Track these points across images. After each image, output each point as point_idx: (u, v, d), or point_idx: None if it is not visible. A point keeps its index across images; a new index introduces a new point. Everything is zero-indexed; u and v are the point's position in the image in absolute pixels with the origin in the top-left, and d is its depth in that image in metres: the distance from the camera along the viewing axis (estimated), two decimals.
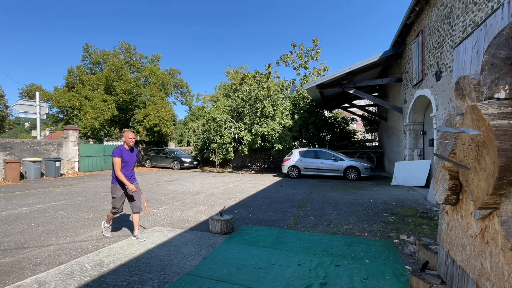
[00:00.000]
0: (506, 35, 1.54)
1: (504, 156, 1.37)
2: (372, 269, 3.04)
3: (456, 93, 2.15)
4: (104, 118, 18.17)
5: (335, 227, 4.66)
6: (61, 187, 9.42)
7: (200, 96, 30.33)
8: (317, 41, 18.55)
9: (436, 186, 2.35)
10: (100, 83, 19.44)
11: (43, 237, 4.18)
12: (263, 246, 3.80)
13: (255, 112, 14.84)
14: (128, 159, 3.97)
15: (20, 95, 19.71)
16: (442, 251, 2.51)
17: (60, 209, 5.97)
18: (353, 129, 22.50)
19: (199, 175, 13.54)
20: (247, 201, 6.92)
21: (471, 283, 1.92)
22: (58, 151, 13.43)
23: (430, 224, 4.74)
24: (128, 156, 3.97)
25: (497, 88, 1.56)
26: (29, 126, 51.51)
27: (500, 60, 1.55)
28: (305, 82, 16.79)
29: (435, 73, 7.23)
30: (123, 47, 21.17)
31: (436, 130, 4.87)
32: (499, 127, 1.41)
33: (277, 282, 2.75)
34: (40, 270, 3.06)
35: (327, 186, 9.37)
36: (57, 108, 19.33)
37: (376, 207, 6.13)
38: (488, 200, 1.51)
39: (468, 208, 1.99)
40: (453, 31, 6.19)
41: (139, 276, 2.90)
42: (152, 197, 7.46)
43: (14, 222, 4.99)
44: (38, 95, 14.81)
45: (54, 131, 28.19)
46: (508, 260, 1.48)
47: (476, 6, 5.15)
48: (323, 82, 11.79)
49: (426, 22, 7.93)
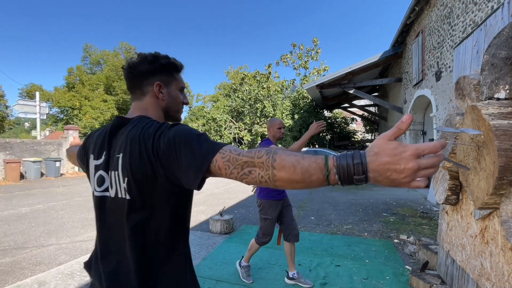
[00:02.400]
0: (506, 35, 1.54)
1: (504, 156, 1.37)
2: (372, 269, 3.04)
3: (456, 93, 2.15)
4: (104, 118, 18.18)
5: (335, 227, 4.66)
6: (61, 187, 9.42)
7: (200, 96, 30.39)
8: (317, 41, 18.56)
9: (436, 186, 2.35)
10: (100, 83, 19.47)
11: (43, 237, 4.18)
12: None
13: (255, 112, 14.85)
14: None
15: (20, 95, 19.78)
16: (442, 251, 2.51)
17: (60, 209, 5.97)
18: (353, 129, 22.51)
19: None
20: (247, 201, 6.92)
21: (471, 283, 1.92)
22: (58, 151, 13.43)
23: (430, 224, 4.74)
24: None
25: (497, 88, 1.56)
26: (29, 126, 51.53)
27: (500, 60, 1.55)
28: (305, 82, 16.80)
29: (435, 73, 7.23)
30: (123, 47, 21.21)
31: (436, 130, 4.87)
32: (499, 127, 1.41)
33: (277, 282, 2.76)
34: (40, 270, 3.06)
35: (327, 186, 9.36)
36: (57, 108, 19.37)
37: (376, 207, 6.13)
38: (488, 200, 1.51)
39: (468, 208, 1.99)
40: (453, 31, 6.19)
41: None
42: None
43: (14, 222, 4.99)
44: (38, 95, 14.82)
45: (54, 131, 28.18)
46: (508, 260, 1.48)
47: (476, 6, 5.15)
48: (323, 82, 11.80)
49: (426, 22, 7.93)
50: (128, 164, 0.75)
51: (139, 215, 0.76)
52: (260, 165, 0.63)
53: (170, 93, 0.93)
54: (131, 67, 0.89)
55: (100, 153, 0.85)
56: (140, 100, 0.91)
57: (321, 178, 0.59)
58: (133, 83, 0.91)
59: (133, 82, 0.91)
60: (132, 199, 0.76)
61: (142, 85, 0.90)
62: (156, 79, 0.90)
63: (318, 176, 0.59)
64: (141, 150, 0.73)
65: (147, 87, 0.90)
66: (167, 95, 0.92)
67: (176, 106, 0.95)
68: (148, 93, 0.90)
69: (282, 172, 0.61)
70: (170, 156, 0.70)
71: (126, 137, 0.79)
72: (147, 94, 0.90)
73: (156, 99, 0.91)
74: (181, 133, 0.71)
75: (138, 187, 0.75)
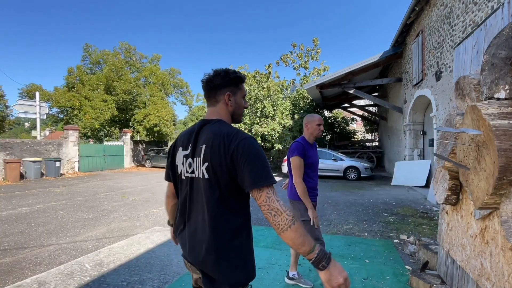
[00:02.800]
0: (506, 35, 1.54)
1: (504, 156, 1.37)
2: (372, 269, 3.04)
3: (456, 93, 2.15)
4: (104, 118, 18.15)
5: (335, 227, 4.66)
6: (61, 187, 9.42)
7: (200, 96, 30.32)
8: (317, 41, 18.55)
9: (436, 186, 2.35)
10: (100, 83, 19.44)
11: (43, 237, 4.18)
12: (263, 246, 3.80)
13: (255, 112, 14.85)
14: (313, 159, 2.51)
15: (20, 95, 19.73)
16: (442, 251, 2.51)
17: (60, 209, 5.97)
18: (353, 129, 22.50)
19: None
20: None
21: (471, 283, 1.92)
22: (58, 151, 13.43)
23: (430, 224, 4.74)
24: (313, 154, 2.53)
25: (497, 88, 1.56)
26: (29, 126, 51.48)
27: (500, 60, 1.55)
28: (305, 82, 16.79)
29: (435, 73, 7.23)
30: (123, 47, 21.17)
31: (436, 130, 4.87)
32: (499, 127, 1.41)
33: (277, 282, 2.76)
34: (40, 270, 3.06)
35: (327, 186, 9.37)
36: (57, 108, 19.33)
37: (376, 207, 6.13)
38: (488, 200, 1.51)
39: (468, 208, 1.99)
40: (453, 31, 6.19)
41: (139, 276, 2.90)
42: (152, 197, 7.46)
43: (14, 222, 4.99)
44: (38, 95, 14.80)
45: (54, 131, 28.16)
46: (508, 260, 1.48)
47: (476, 6, 5.15)
48: (323, 82, 11.80)
49: (426, 22, 7.93)
50: (209, 152, 1.03)
51: (213, 190, 1.03)
52: (284, 218, 0.94)
53: (236, 101, 1.20)
54: (208, 81, 1.17)
55: (188, 145, 1.15)
56: (214, 106, 1.19)
57: (307, 251, 0.94)
58: (209, 93, 1.19)
59: (210, 92, 1.18)
60: (209, 179, 1.04)
61: (216, 94, 1.17)
62: (227, 90, 1.16)
63: (305, 249, 0.94)
64: (219, 145, 1.02)
65: (220, 96, 1.17)
66: (234, 102, 1.19)
67: (239, 111, 1.22)
68: (220, 101, 1.18)
69: (292, 233, 0.93)
70: (238, 161, 1.00)
71: (210, 133, 1.08)
72: (220, 101, 1.18)
73: (226, 106, 1.18)
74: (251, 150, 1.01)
75: (213, 170, 1.02)
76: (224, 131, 1.06)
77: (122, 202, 6.82)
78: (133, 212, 5.78)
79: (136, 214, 5.61)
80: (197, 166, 1.08)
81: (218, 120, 1.14)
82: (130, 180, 11.52)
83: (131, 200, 7.03)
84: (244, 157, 0.98)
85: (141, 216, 5.44)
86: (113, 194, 8.00)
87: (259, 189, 0.96)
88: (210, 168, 1.03)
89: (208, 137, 1.06)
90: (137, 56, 22.03)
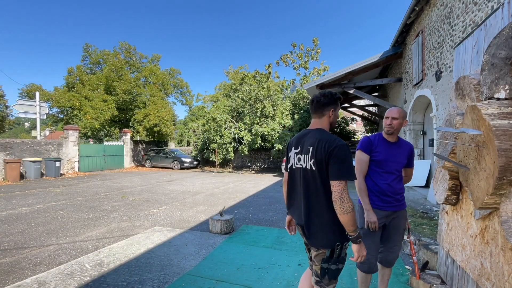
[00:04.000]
0: (506, 35, 1.54)
1: (504, 156, 1.37)
2: None
3: (456, 93, 2.15)
4: (104, 118, 18.16)
5: None
6: (61, 187, 9.42)
7: (200, 96, 30.35)
8: (317, 41, 18.56)
9: (436, 186, 2.35)
10: (100, 83, 19.44)
11: (43, 237, 4.18)
12: (263, 246, 3.80)
13: (255, 112, 14.84)
14: (387, 157, 2.13)
15: (20, 95, 19.73)
16: (442, 251, 2.51)
17: (60, 209, 5.97)
18: (353, 129, 22.50)
19: (199, 175, 13.54)
20: (247, 201, 6.92)
21: (471, 283, 1.92)
22: (58, 151, 13.43)
23: (430, 224, 4.73)
24: (388, 152, 2.15)
25: (497, 88, 1.56)
26: (29, 126, 51.49)
27: (500, 60, 1.55)
28: (305, 82, 16.79)
29: (435, 73, 7.23)
30: (123, 47, 21.17)
31: (436, 130, 4.87)
32: (499, 127, 1.41)
33: (277, 282, 2.75)
34: (40, 270, 3.06)
35: None
36: (57, 108, 19.32)
37: None
38: (488, 200, 1.51)
39: (468, 208, 1.99)
40: (453, 31, 6.19)
41: (139, 276, 2.90)
42: (152, 197, 7.46)
43: (14, 222, 4.99)
44: (38, 95, 14.80)
45: (54, 131, 28.18)
46: (508, 260, 1.48)
47: (476, 6, 5.15)
48: (323, 82, 11.79)
49: (426, 22, 7.93)
50: (315, 152, 1.51)
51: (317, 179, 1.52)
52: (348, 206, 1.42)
53: (335, 115, 1.66)
54: (317, 101, 1.63)
55: (297, 146, 1.67)
56: (319, 119, 1.65)
57: (352, 230, 1.46)
58: (317, 110, 1.65)
59: (318, 109, 1.64)
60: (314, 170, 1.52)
61: (323, 110, 1.63)
62: (331, 107, 1.63)
63: (353, 229, 1.46)
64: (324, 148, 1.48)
65: (325, 112, 1.63)
66: (333, 117, 1.65)
67: (335, 123, 1.69)
68: (325, 115, 1.64)
69: (348, 217, 1.43)
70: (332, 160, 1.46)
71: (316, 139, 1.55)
72: (325, 115, 1.64)
73: (328, 119, 1.65)
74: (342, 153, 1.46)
75: (317, 164, 1.50)
76: (326, 138, 1.52)
77: (122, 202, 6.82)
78: (133, 212, 5.78)
79: (136, 214, 5.61)
80: (305, 160, 1.57)
81: (319, 129, 1.62)
82: (130, 180, 11.52)
83: (131, 200, 7.03)
84: (336, 158, 1.45)
85: (141, 216, 5.44)
86: (113, 194, 8.00)
87: (340, 181, 1.43)
88: (315, 163, 1.51)
89: (314, 141, 1.54)
90: (137, 56, 22.04)
